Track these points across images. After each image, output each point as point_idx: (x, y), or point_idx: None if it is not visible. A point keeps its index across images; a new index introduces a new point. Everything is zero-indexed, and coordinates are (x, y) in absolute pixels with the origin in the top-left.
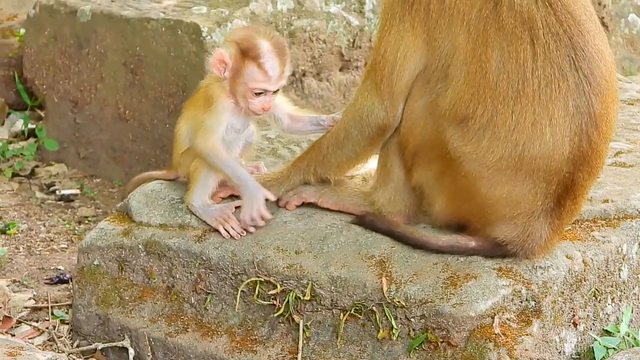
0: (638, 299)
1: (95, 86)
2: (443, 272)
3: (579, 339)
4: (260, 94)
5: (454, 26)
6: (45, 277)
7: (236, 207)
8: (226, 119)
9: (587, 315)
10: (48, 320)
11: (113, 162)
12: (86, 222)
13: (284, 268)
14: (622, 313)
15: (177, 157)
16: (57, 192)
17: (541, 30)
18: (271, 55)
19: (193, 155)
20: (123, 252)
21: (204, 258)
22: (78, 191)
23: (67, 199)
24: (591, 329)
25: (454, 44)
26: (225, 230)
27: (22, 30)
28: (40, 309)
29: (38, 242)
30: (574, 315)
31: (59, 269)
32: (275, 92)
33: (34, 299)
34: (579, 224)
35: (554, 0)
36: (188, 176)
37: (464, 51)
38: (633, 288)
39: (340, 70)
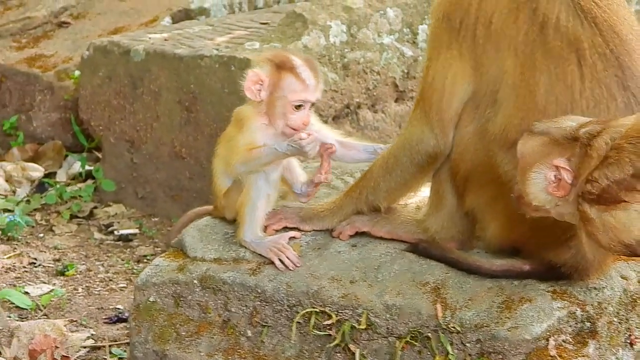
0: None
1: (150, 125)
2: (498, 296)
3: (637, 359)
4: (299, 107)
5: (501, 51)
6: (104, 317)
7: (290, 238)
8: (261, 139)
9: None
10: (106, 359)
11: (171, 200)
12: (145, 261)
13: (339, 298)
14: None
15: (221, 201)
16: (116, 232)
17: (588, 51)
18: (305, 67)
19: (236, 192)
20: (178, 288)
21: (259, 291)
22: (137, 231)
23: (126, 239)
24: None
25: (502, 69)
26: (280, 261)
27: (77, 72)
28: (99, 348)
29: (97, 283)
30: (630, 335)
31: (118, 308)
32: (311, 105)
33: (92, 338)
34: None
35: (600, 21)
36: (235, 217)
37: (512, 75)
38: None
39: (395, 101)
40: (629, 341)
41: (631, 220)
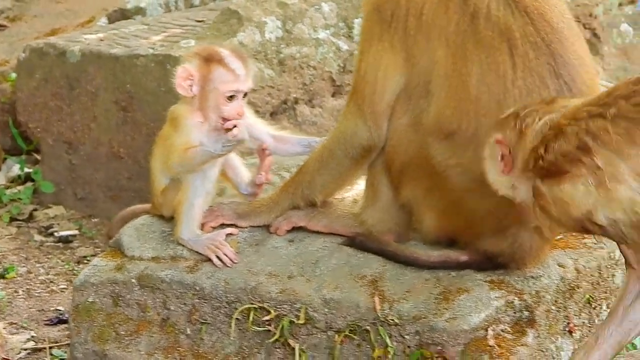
0: None
1: (88, 126)
2: (435, 287)
3: (576, 347)
4: (232, 97)
5: (433, 42)
6: (45, 319)
7: (227, 235)
8: (196, 138)
9: (583, 323)
10: None
11: (110, 200)
12: (85, 261)
13: (277, 293)
14: None
15: (158, 199)
16: (56, 234)
17: (519, 40)
18: (234, 57)
19: (174, 190)
20: (117, 287)
21: (197, 288)
22: (77, 232)
23: (66, 240)
24: (587, 336)
25: (434, 60)
26: (218, 258)
27: (14, 75)
28: (40, 350)
29: (37, 284)
30: (569, 323)
31: (59, 310)
32: (244, 96)
33: (33, 340)
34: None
35: (531, 10)
36: (173, 214)
37: (444, 66)
38: None
39: (332, 95)
40: (567, 329)
41: (579, 195)
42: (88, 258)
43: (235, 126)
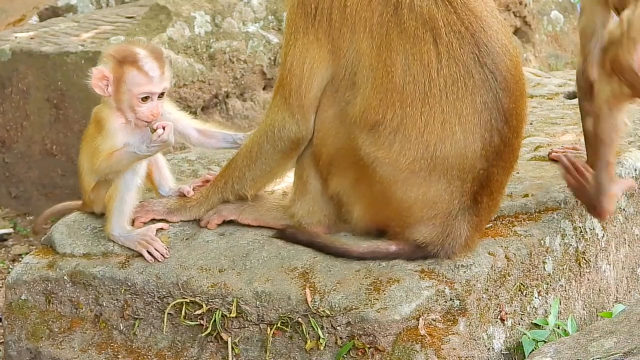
0: (565, 291)
1: (21, 124)
2: (366, 278)
3: (508, 334)
4: (146, 99)
5: (357, 33)
6: None
7: (158, 230)
8: (121, 140)
9: (514, 310)
10: None
11: (44, 198)
12: (20, 260)
13: (208, 287)
14: (550, 305)
15: (89, 196)
16: None
17: (443, 30)
18: (149, 59)
19: (104, 186)
20: (49, 285)
21: (129, 284)
22: (11, 230)
23: (1, 239)
24: (519, 324)
25: (359, 51)
26: (149, 253)
27: None
28: None
29: None
30: (500, 311)
31: None
32: (160, 96)
33: None
34: (500, 220)
35: None
36: (104, 210)
37: (369, 57)
38: (559, 280)
39: (264, 88)
40: (499, 317)
41: None
42: (23, 256)
43: (164, 127)
